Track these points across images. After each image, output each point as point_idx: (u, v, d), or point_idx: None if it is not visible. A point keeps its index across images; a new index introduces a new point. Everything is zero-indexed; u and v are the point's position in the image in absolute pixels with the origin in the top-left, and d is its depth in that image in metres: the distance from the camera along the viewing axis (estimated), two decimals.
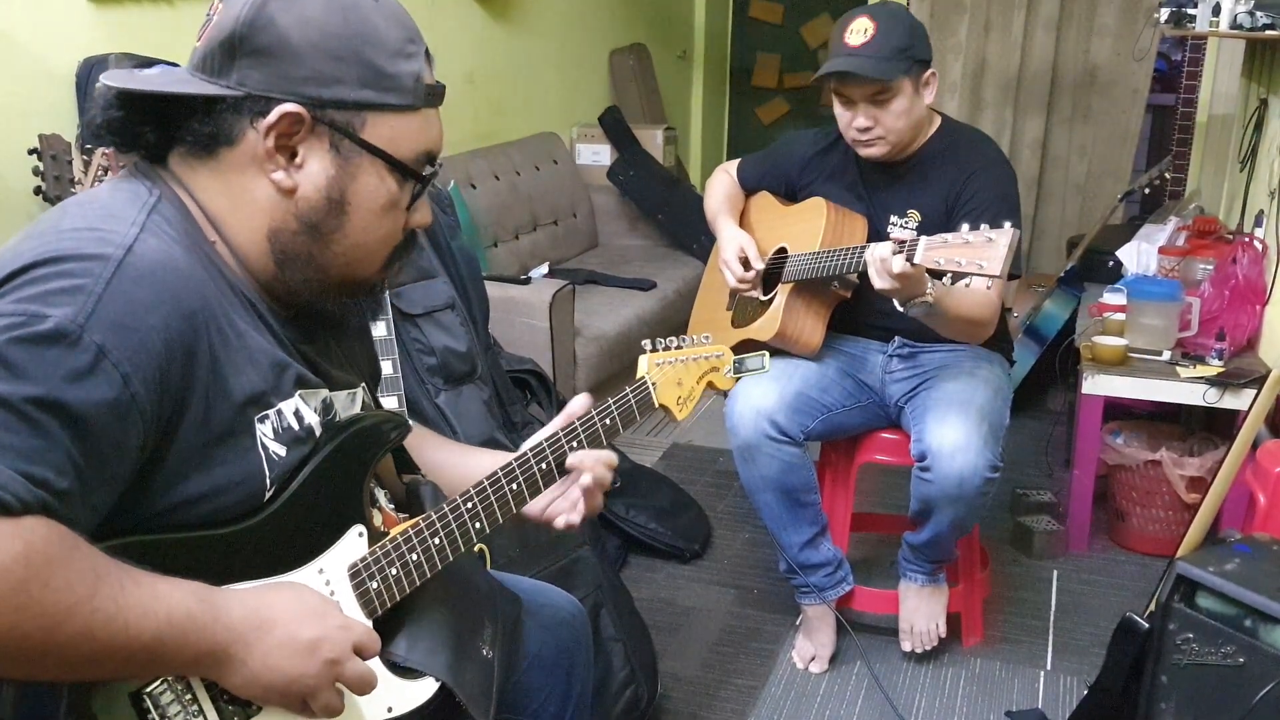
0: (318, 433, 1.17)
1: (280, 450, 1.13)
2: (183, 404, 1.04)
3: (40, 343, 0.95)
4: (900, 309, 2.14)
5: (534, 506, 1.37)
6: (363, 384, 1.31)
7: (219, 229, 1.13)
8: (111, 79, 1.12)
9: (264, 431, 1.11)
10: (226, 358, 1.08)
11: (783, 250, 2.51)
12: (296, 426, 1.14)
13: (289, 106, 1.08)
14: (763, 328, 2.48)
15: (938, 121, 2.47)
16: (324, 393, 1.20)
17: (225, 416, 1.08)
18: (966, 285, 2.11)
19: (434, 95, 1.17)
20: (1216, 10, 3.01)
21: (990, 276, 1.95)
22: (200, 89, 1.09)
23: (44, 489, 0.94)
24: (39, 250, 1.01)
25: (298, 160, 1.11)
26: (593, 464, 1.37)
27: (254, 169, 1.11)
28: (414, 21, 1.17)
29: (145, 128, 1.13)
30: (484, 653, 1.31)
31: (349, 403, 1.26)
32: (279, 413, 1.13)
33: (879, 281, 2.08)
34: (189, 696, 1.07)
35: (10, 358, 0.94)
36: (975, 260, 1.95)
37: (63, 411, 0.95)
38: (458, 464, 1.45)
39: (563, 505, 1.39)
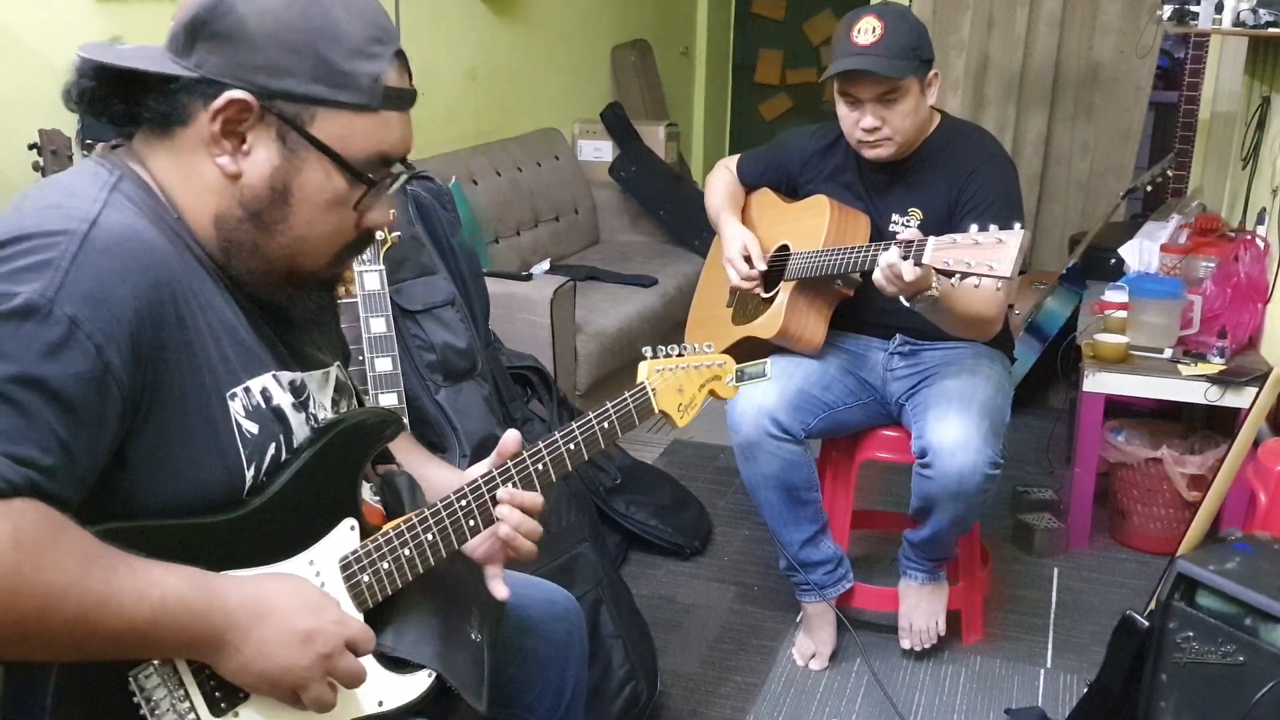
0: (288, 414, 1.18)
1: (253, 428, 1.13)
2: (157, 373, 1.05)
3: (12, 319, 0.96)
4: (906, 304, 2.14)
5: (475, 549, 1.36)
6: (336, 363, 1.31)
7: (176, 208, 1.14)
8: (86, 50, 1.13)
9: (235, 409, 1.12)
10: (195, 329, 1.09)
11: (784, 248, 2.50)
12: (264, 405, 1.15)
13: (236, 93, 1.09)
14: (765, 325, 2.47)
15: (937, 119, 2.47)
16: (295, 374, 1.20)
17: (198, 388, 1.09)
18: (976, 286, 2.11)
19: (395, 98, 1.15)
20: (1219, 8, 3.00)
21: (1001, 278, 1.94)
22: (160, 67, 1.10)
23: (30, 468, 0.95)
24: (3, 231, 1.01)
25: (245, 147, 1.11)
26: (510, 514, 1.32)
27: (203, 151, 1.12)
28: (389, 23, 1.16)
29: (113, 100, 1.14)
30: (473, 637, 1.32)
31: (323, 382, 1.26)
32: (247, 390, 1.13)
33: (888, 288, 2.09)
34: (175, 680, 1.08)
35: None
36: (985, 261, 1.94)
37: (42, 387, 0.96)
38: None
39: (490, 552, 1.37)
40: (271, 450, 1.16)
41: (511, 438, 1.33)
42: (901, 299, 2.13)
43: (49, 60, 2.51)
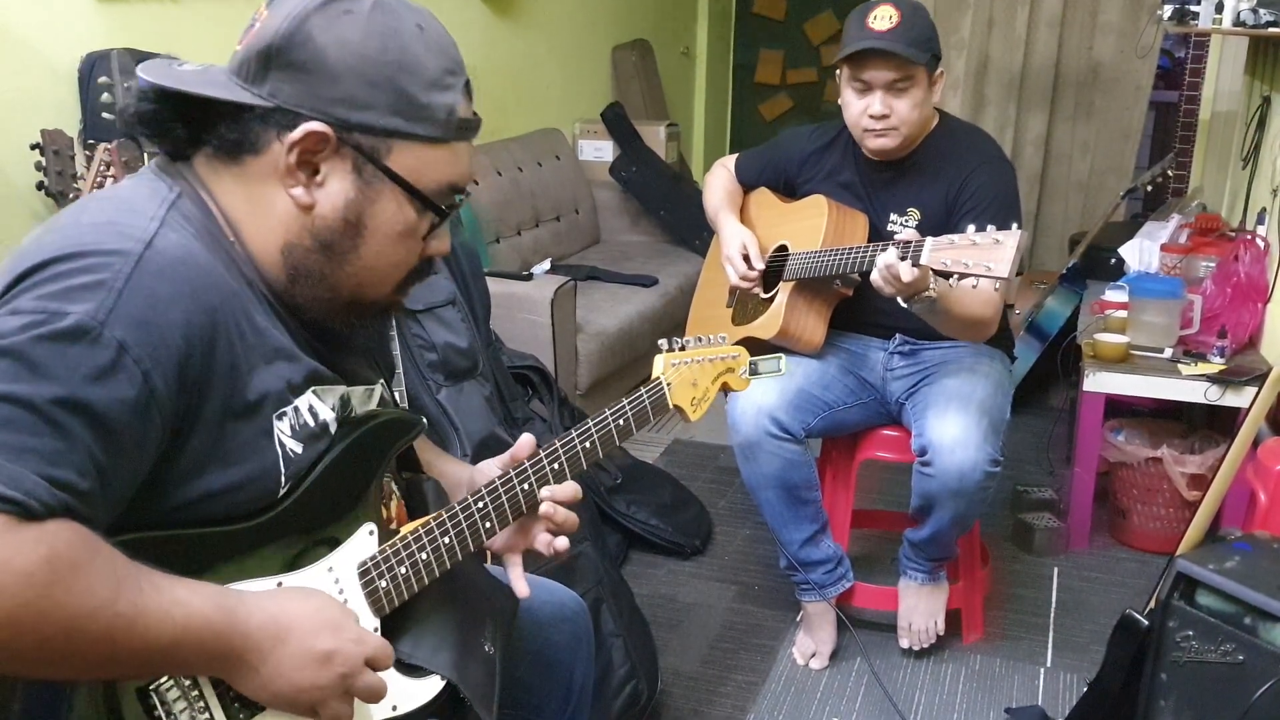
0: (333, 429, 1.17)
1: (297, 447, 1.13)
2: (201, 399, 1.04)
3: (61, 340, 0.95)
4: (904, 305, 2.15)
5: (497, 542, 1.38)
6: (381, 380, 1.31)
7: (237, 233, 1.13)
8: (148, 72, 1.12)
9: (281, 429, 1.11)
10: (245, 354, 1.08)
11: (783, 248, 2.50)
12: (312, 423, 1.15)
13: (315, 125, 1.08)
14: (764, 326, 2.48)
15: (936, 119, 2.47)
16: (342, 389, 1.20)
17: (243, 413, 1.08)
18: (974, 286, 2.11)
19: (466, 129, 1.16)
20: (1219, 7, 3.01)
21: (998, 279, 1.94)
22: (233, 95, 1.09)
23: (67, 491, 0.94)
24: (60, 245, 1.01)
25: (319, 178, 1.11)
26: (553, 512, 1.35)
27: (275, 181, 1.11)
28: (459, 53, 1.16)
29: (176, 124, 1.13)
30: (486, 649, 1.32)
31: (366, 399, 1.26)
32: (295, 410, 1.13)
33: (886, 289, 2.09)
34: (195, 694, 1.08)
35: (32, 356, 0.94)
36: (982, 262, 1.94)
37: (85, 412, 0.95)
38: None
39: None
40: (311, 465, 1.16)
41: (526, 441, 1.34)
42: (899, 300, 2.13)
43: (49, 60, 2.51)
